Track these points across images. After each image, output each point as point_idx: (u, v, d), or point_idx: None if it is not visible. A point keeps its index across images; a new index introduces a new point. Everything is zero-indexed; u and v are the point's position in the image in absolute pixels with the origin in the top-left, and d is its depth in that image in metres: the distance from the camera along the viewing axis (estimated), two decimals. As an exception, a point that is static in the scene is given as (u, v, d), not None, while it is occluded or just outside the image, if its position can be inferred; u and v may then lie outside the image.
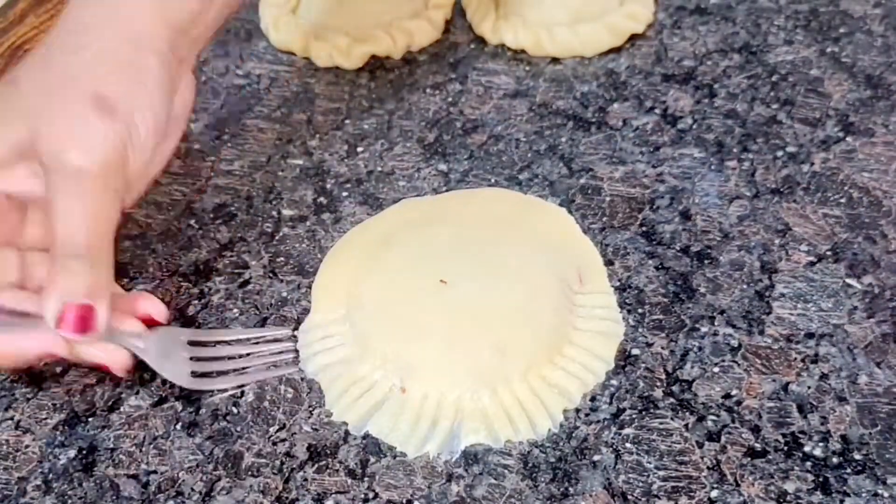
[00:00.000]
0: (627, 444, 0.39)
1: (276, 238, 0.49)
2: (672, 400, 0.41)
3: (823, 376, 0.41)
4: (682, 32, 0.62)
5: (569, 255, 0.46)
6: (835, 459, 0.38)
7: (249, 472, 0.39)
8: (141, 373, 0.43)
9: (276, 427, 0.40)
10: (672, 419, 0.40)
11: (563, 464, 0.39)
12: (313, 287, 0.46)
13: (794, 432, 0.39)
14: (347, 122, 0.56)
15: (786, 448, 0.39)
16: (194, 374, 0.42)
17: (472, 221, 0.48)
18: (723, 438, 0.39)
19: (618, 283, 0.45)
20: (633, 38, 0.61)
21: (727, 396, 0.41)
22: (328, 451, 0.40)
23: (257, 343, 0.44)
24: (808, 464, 0.38)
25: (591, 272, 0.46)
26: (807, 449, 0.39)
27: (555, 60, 0.60)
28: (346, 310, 0.44)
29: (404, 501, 0.38)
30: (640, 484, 0.38)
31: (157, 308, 0.43)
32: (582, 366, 0.41)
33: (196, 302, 0.46)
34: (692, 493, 0.37)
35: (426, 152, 0.54)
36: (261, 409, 0.41)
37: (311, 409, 0.41)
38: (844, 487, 0.37)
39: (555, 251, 0.46)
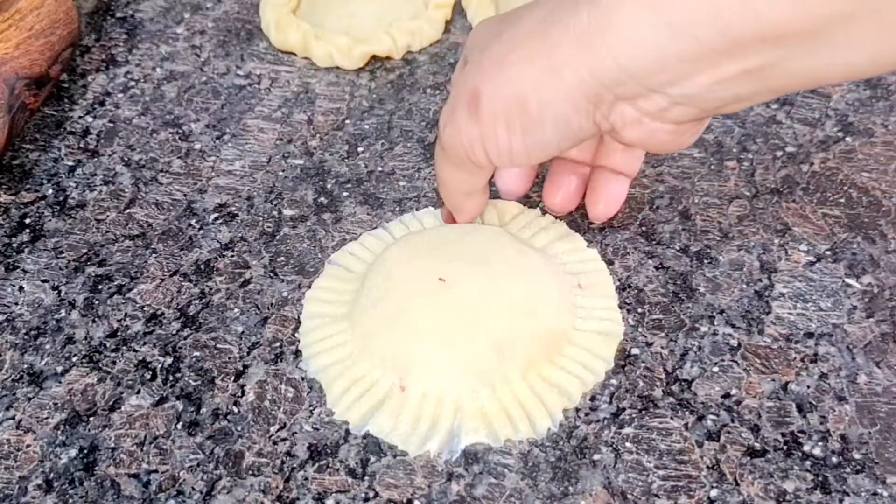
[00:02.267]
0: (627, 444, 0.39)
1: (277, 238, 0.49)
2: (672, 399, 0.41)
3: (823, 376, 0.41)
4: (682, 32, 0.62)
5: (569, 256, 0.46)
6: (834, 459, 0.38)
7: (250, 472, 0.39)
8: (142, 372, 0.43)
9: (277, 426, 0.41)
10: (672, 419, 0.40)
11: (562, 463, 0.39)
12: (308, 295, 0.46)
13: (794, 432, 0.39)
14: (348, 122, 0.56)
15: (785, 447, 0.39)
16: None
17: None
18: (722, 438, 0.39)
19: (617, 283, 0.46)
20: (633, 38, 0.61)
21: (726, 396, 0.41)
22: (329, 451, 0.40)
23: None
24: (808, 463, 0.38)
25: (591, 275, 0.46)
26: (806, 448, 0.39)
27: (555, 60, 0.60)
28: (346, 309, 0.44)
29: (405, 500, 0.38)
30: (640, 483, 0.38)
31: None
32: (582, 365, 0.41)
33: (197, 301, 0.46)
34: (692, 493, 0.37)
35: (427, 152, 0.54)
36: (261, 409, 0.41)
37: (311, 408, 0.41)
38: (844, 487, 0.37)
39: (554, 252, 0.46)
